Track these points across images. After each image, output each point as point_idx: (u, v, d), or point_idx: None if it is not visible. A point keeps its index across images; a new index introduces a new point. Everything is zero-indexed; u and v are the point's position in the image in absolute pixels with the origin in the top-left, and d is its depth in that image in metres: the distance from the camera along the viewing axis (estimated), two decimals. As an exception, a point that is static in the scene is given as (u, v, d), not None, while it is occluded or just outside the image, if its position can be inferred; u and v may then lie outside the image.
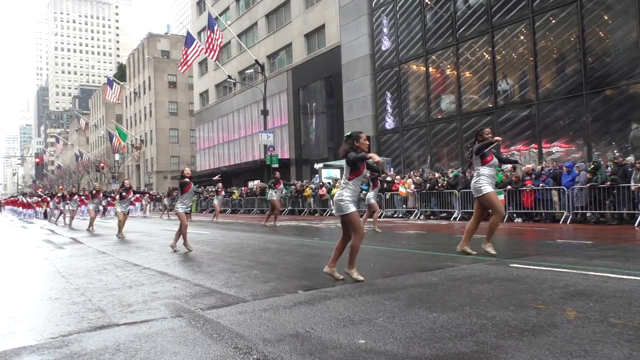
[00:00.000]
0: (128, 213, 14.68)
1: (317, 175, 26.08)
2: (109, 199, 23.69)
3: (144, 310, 4.55)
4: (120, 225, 13.63)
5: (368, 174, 7.23)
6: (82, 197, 21.68)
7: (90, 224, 16.63)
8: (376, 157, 5.48)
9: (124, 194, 14.28)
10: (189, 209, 9.84)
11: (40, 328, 4.12)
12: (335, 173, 25.55)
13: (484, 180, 7.23)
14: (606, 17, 17.24)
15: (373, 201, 12.51)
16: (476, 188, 7.31)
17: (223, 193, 23.02)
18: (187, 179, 9.59)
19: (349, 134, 5.65)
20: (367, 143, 5.69)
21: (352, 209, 5.53)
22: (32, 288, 6.32)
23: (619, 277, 5.21)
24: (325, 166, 25.69)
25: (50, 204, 26.81)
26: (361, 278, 5.51)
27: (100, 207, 20.14)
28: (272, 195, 16.36)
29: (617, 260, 6.49)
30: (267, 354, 3.15)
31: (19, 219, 32.16)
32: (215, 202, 22.86)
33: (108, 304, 4.89)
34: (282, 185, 16.96)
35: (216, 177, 15.69)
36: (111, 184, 53.87)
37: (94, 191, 17.79)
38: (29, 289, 6.25)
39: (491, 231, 7.50)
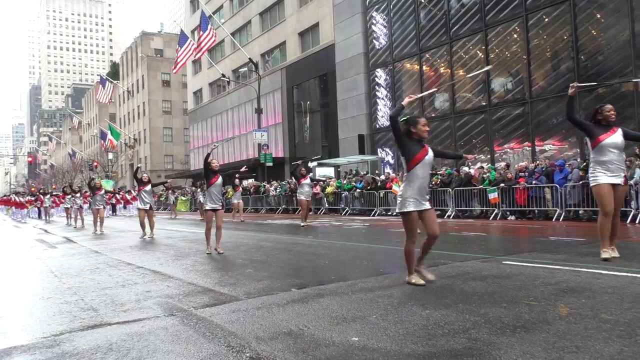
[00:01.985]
0: (151, 208, 13.11)
1: (311, 174, 26.03)
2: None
3: (137, 309, 4.53)
4: (143, 224, 12.58)
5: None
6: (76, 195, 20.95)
7: (101, 224, 15.30)
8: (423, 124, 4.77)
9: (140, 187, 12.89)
10: (218, 204, 8.56)
11: (32, 327, 4.09)
12: (329, 171, 25.56)
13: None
14: (599, 16, 17.33)
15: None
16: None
17: (241, 189, 20.10)
18: (215, 170, 8.58)
19: (405, 118, 4.92)
20: (427, 129, 4.87)
21: (409, 207, 4.80)
22: (24, 288, 6.28)
23: (610, 274, 5.24)
24: (320, 164, 25.69)
25: (45, 202, 26.39)
26: (421, 281, 4.94)
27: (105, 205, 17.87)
28: (304, 193, 14.72)
29: (609, 257, 6.51)
30: (260, 352, 3.15)
31: (11, 219, 31.96)
32: (235, 200, 20.37)
33: (100, 303, 4.86)
34: (308, 180, 14.99)
35: (243, 169, 13.53)
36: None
37: (95, 187, 16.16)
38: (21, 289, 6.21)
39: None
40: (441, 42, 22.49)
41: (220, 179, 8.59)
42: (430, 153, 4.89)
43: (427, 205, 4.88)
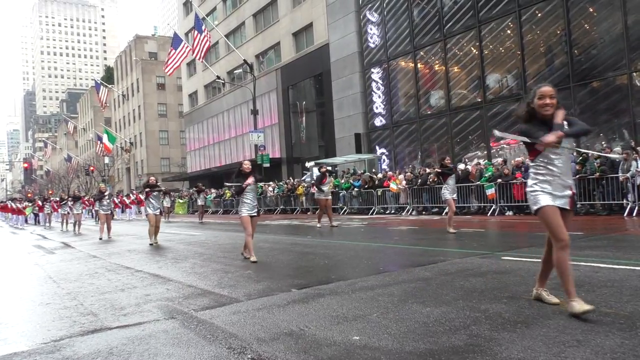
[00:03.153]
0: (161, 213, 12.30)
1: (308, 174, 26.05)
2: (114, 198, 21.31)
3: (137, 312, 4.52)
4: (151, 230, 11.64)
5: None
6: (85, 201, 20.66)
7: (108, 230, 14.65)
8: (560, 117, 3.67)
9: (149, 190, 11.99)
10: (254, 211, 7.85)
11: (32, 333, 4.08)
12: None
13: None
14: (591, 10, 17.36)
15: (448, 196, 10.33)
16: None
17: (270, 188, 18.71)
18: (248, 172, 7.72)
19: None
20: (550, 102, 3.73)
21: (542, 202, 3.66)
22: (23, 294, 6.26)
23: (609, 267, 5.25)
24: (316, 164, 25.66)
25: (45, 208, 26.18)
26: (579, 308, 3.43)
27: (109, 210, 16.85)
28: (320, 193, 14.00)
29: (607, 250, 6.55)
30: (262, 353, 3.14)
31: (8, 225, 31.84)
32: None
33: (100, 307, 4.85)
34: (329, 178, 14.09)
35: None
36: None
37: (100, 192, 15.66)
38: (19, 295, 6.18)
39: None
40: (435, 39, 22.51)
41: (252, 180, 7.70)
42: None
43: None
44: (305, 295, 4.81)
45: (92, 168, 59.98)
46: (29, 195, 56.98)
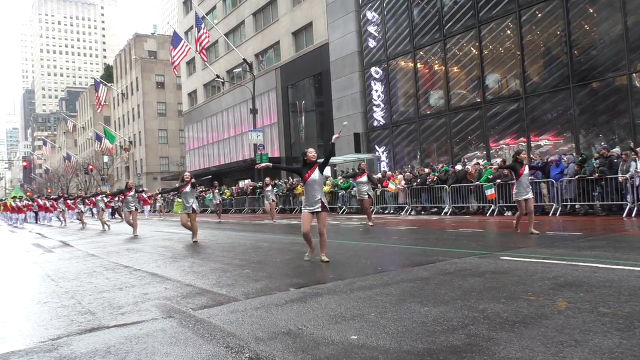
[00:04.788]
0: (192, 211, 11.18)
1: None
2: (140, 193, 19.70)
3: (135, 311, 4.51)
4: (187, 226, 11.01)
5: None
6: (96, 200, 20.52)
7: (134, 228, 14.18)
8: None
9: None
10: (316, 206, 6.69)
11: (30, 332, 4.07)
12: (327, 171, 25.51)
13: None
14: (591, 10, 17.37)
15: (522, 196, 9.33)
16: None
17: (269, 188, 18.01)
18: (310, 161, 6.81)
19: None
20: None
21: None
22: (20, 292, 6.25)
23: (608, 267, 5.25)
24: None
25: (59, 205, 25.30)
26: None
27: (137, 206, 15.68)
28: (362, 192, 13.10)
29: (606, 250, 6.55)
30: (259, 352, 3.14)
31: (7, 224, 31.81)
32: (266, 201, 18.01)
33: (98, 306, 4.84)
34: (365, 177, 13.02)
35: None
36: (100, 186, 53.36)
37: (126, 188, 15.01)
38: (17, 293, 6.18)
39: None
40: (435, 39, 22.51)
41: (316, 173, 6.70)
42: None
43: None
44: (303, 294, 4.81)
45: (91, 167, 59.97)
46: (29, 194, 56.86)
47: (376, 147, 25.77)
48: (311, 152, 6.85)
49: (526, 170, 9.17)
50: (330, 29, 28.13)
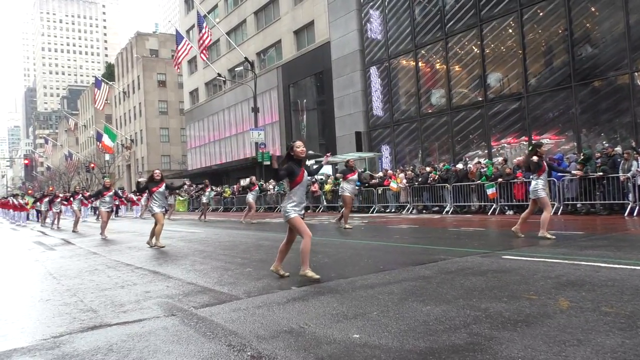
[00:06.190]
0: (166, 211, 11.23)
1: (359, 170, 25.80)
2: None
3: (137, 309, 4.52)
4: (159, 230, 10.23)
5: None
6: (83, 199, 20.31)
7: (102, 229, 13.67)
8: None
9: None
10: (302, 210, 6.08)
11: (32, 330, 4.08)
12: (327, 169, 25.50)
13: None
14: (593, 9, 17.33)
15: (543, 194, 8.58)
16: None
17: (257, 188, 17.81)
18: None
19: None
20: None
21: None
22: (23, 290, 6.26)
23: (610, 267, 5.24)
24: (317, 162, 25.61)
25: (43, 205, 25.31)
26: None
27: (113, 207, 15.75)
28: (344, 189, 12.90)
29: (608, 250, 6.54)
30: (261, 350, 3.14)
31: (9, 222, 31.84)
32: (250, 198, 17.84)
33: (100, 304, 4.84)
34: (355, 175, 12.98)
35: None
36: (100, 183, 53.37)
37: (104, 188, 14.57)
38: (19, 291, 6.18)
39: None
40: (436, 38, 22.48)
41: (306, 172, 5.77)
42: None
43: None
44: (305, 293, 4.81)
45: (92, 165, 60.04)
46: (30, 192, 56.92)
47: (382, 147, 25.65)
48: (301, 147, 5.61)
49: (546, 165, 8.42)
50: (332, 28, 28.11)
